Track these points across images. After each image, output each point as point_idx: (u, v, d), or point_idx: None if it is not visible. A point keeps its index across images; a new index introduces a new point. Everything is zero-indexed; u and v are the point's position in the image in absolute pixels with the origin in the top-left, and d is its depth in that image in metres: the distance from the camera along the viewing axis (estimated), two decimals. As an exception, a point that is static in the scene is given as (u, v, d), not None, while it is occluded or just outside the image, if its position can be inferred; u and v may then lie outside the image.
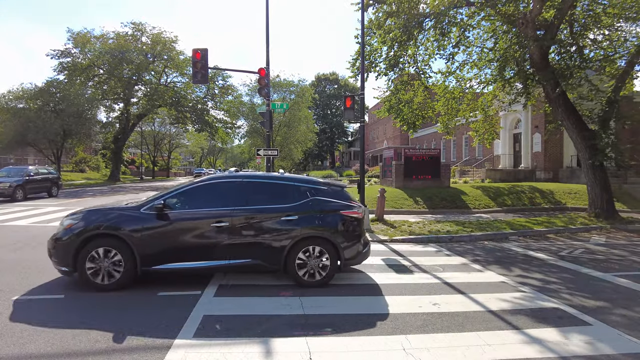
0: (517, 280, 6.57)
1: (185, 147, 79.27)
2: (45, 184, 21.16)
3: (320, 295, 5.55)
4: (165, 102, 42.32)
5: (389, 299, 5.48)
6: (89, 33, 40.25)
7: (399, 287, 6.02)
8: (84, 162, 53.52)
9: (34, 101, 34.25)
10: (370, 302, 5.37)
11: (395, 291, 5.83)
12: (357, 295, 5.63)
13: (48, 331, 4.16)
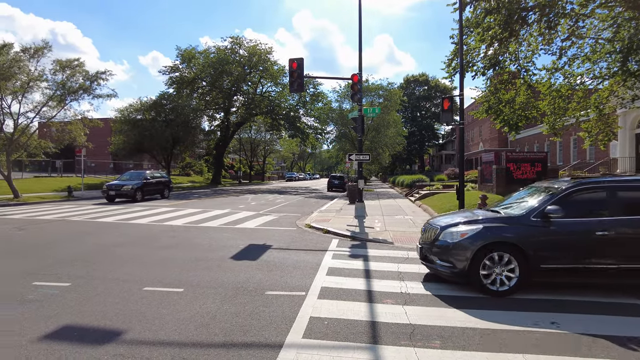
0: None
1: (278, 153, 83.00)
2: (159, 187, 23.64)
3: (425, 305, 5.38)
4: (261, 110, 44.86)
5: (501, 313, 5.13)
6: (194, 49, 44.26)
7: (513, 302, 5.60)
8: (189, 166, 58.81)
9: (149, 113, 38.49)
10: (480, 314, 5.07)
11: (513, 306, 5.43)
12: (464, 308, 5.35)
13: (176, 320, 4.62)
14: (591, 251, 5.72)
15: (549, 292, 5.92)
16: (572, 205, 5.99)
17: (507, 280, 5.82)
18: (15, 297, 5.37)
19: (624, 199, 5.93)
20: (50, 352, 3.80)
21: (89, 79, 22.37)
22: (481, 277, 5.84)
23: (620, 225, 5.72)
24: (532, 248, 5.76)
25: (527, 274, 5.77)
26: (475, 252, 5.85)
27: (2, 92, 19.65)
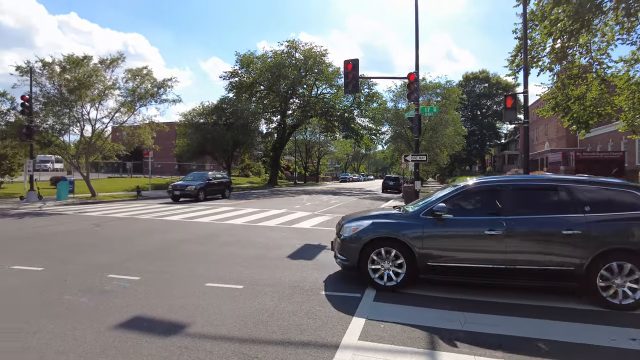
0: None
1: (332, 154, 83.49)
2: (220, 187, 24.66)
3: (484, 312, 5.16)
4: (316, 112, 45.39)
5: (572, 325, 4.79)
6: (252, 54, 45.69)
7: (589, 314, 5.21)
8: (248, 168, 60.84)
9: (211, 117, 40.26)
10: (544, 326, 4.76)
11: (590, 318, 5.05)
12: (519, 315, 5.06)
13: (236, 316, 4.80)
14: (480, 250, 5.69)
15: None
16: (466, 204, 6.14)
17: (394, 275, 5.99)
18: (95, 288, 5.85)
19: (516, 198, 5.87)
20: (124, 340, 4.10)
21: (156, 85, 23.85)
22: (369, 271, 6.07)
23: (510, 224, 5.63)
24: (419, 245, 5.86)
25: (414, 270, 5.90)
26: (363, 247, 6.09)
27: (82, 100, 21.50)
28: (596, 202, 5.62)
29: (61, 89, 21.20)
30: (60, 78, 21.04)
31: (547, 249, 5.51)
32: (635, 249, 5.31)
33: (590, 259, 5.35)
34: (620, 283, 5.31)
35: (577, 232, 5.40)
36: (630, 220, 5.43)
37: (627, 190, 5.68)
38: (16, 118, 20.96)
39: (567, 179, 6.02)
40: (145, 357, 3.75)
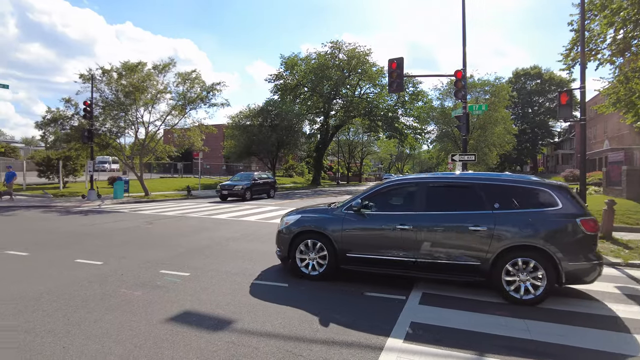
0: None
1: (376, 154, 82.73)
2: (265, 187, 25.19)
3: (540, 319, 4.92)
4: (359, 112, 45.18)
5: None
6: (296, 56, 46.23)
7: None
8: (292, 168, 61.66)
9: (257, 119, 41.16)
10: (616, 339, 4.46)
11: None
12: (594, 327, 4.76)
13: (281, 314, 4.89)
14: (394, 244, 6.00)
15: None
16: (385, 200, 6.43)
17: (318, 266, 6.50)
18: (149, 283, 6.16)
19: (429, 195, 6.09)
20: (174, 333, 4.29)
21: (205, 89, 24.74)
22: (297, 260, 6.63)
23: (420, 219, 5.91)
24: (339, 238, 6.32)
25: (335, 261, 6.36)
26: (292, 239, 6.67)
27: (137, 104, 22.71)
28: (507, 199, 5.73)
29: (118, 94, 22.51)
30: (117, 84, 22.35)
31: (454, 243, 5.74)
32: (540, 246, 5.39)
33: (495, 254, 5.52)
34: (523, 279, 5.48)
35: (484, 228, 5.59)
36: (540, 218, 5.51)
37: (540, 188, 5.76)
38: (79, 122, 22.49)
39: (480, 177, 6.14)
40: (195, 350, 3.90)
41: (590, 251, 5.43)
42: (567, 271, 5.35)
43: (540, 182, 5.90)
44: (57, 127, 23.17)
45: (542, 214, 5.54)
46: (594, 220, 5.51)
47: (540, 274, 5.40)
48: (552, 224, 5.47)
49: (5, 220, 13.38)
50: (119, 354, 3.80)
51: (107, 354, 3.78)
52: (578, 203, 5.64)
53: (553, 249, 5.35)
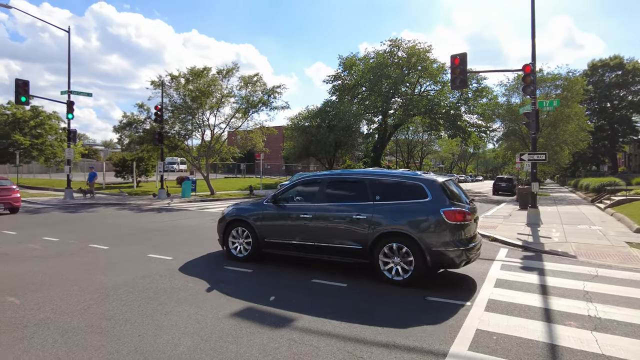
0: None
1: (436, 153, 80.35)
2: (323, 188, 25.37)
3: (622, 334, 4.49)
4: (419, 111, 44.10)
5: None
6: (354, 56, 46.13)
7: None
8: (349, 168, 61.64)
9: (315, 120, 41.63)
10: None
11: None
12: None
13: (340, 313, 4.89)
14: (298, 230, 7.02)
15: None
16: (295, 193, 7.48)
17: (244, 250, 7.63)
18: (214, 278, 6.45)
19: (328, 189, 7.08)
20: (239, 328, 4.44)
21: (266, 92, 25.46)
22: (230, 244, 7.80)
23: (316, 210, 6.90)
24: (259, 225, 7.44)
25: (258, 246, 7.45)
26: (225, 226, 7.87)
27: (203, 107, 23.90)
28: (387, 192, 6.52)
29: (185, 99, 23.84)
30: (184, 89, 23.67)
31: (343, 230, 6.64)
32: (407, 232, 6.09)
33: (373, 239, 6.32)
34: (397, 262, 6.22)
35: (364, 216, 6.44)
36: (410, 208, 6.24)
37: (415, 183, 6.42)
38: (151, 125, 24.12)
39: (368, 173, 7.00)
40: (257, 346, 4.01)
41: (454, 238, 5.98)
42: (432, 256, 5.98)
43: (416, 177, 6.58)
44: (132, 131, 25.04)
45: (412, 204, 6.27)
46: (458, 211, 6.06)
47: (410, 259, 6.09)
48: (419, 214, 6.16)
49: (88, 216, 14.67)
50: (188, 345, 4.00)
51: (177, 345, 4.00)
52: (447, 196, 6.22)
53: (418, 235, 6.04)
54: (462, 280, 6.61)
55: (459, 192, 6.84)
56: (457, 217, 6.03)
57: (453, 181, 7.02)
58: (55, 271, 6.81)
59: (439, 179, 6.51)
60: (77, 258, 7.81)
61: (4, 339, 4.12)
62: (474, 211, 6.77)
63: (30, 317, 4.70)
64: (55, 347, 3.91)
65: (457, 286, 6.19)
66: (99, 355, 3.76)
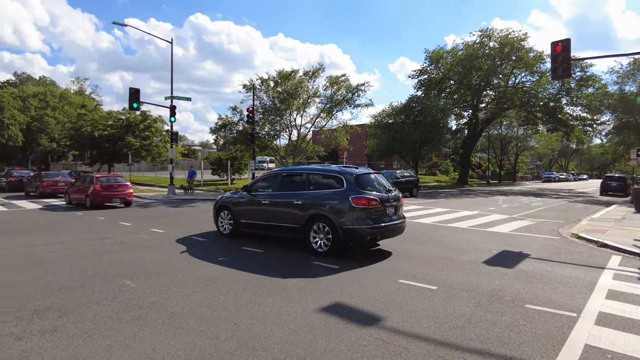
0: None
1: (533, 150, 74.08)
2: (408, 186, 24.78)
3: None
4: (514, 103, 41.02)
5: None
6: (442, 49, 44.24)
7: None
8: (435, 166, 59.49)
9: (399, 116, 40.85)
10: None
11: None
12: None
13: (430, 317, 4.73)
14: (267, 214, 8.92)
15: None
16: (266, 184, 9.40)
17: (228, 228, 9.81)
18: (304, 272, 6.64)
19: (283, 181, 8.99)
20: (327, 323, 4.51)
21: (350, 91, 25.61)
22: (219, 223, 10.06)
23: (270, 198, 8.98)
24: (235, 210, 9.61)
25: (236, 226, 9.58)
26: (216, 210, 10.18)
27: (290, 108, 24.77)
28: (318, 183, 8.24)
29: (274, 100, 24.91)
30: (273, 91, 24.74)
31: (287, 213, 8.47)
32: (329, 215, 7.70)
33: (305, 220, 8.04)
34: (321, 237, 7.85)
35: (300, 202, 8.21)
36: (330, 195, 7.88)
37: (336, 175, 8.05)
38: (243, 127, 25.61)
39: (308, 168, 9.07)
40: (346, 342, 4.04)
41: (360, 219, 7.55)
42: (344, 232, 7.56)
43: (337, 171, 8.27)
44: (226, 132, 26.84)
45: (332, 192, 7.95)
46: (363, 197, 7.60)
47: (330, 235, 7.74)
48: (335, 200, 7.81)
49: (189, 210, 16.04)
50: (279, 336, 4.17)
51: (269, 335, 4.18)
52: (358, 186, 7.78)
53: (334, 216, 7.67)
54: (567, 288, 6.00)
55: (377, 184, 8.35)
56: (362, 202, 7.61)
57: (374, 174, 8.62)
58: (162, 260, 7.55)
59: (355, 172, 8.14)
60: (180, 248, 8.57)
61: (124, 316, 4.66)
62: (389, 199, 8.15)
63: (143, 299, 5.26)
64: (164, 328, 4.32)
65: (561, 295, 5.64)
66: (200, 339, 4.08)
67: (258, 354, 3.77)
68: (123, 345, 3.92)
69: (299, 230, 8.21)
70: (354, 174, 7.98)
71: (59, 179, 22.51)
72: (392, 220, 8.11)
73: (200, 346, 3.91)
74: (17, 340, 4.02)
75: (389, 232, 8.13)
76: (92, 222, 12.73)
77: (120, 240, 9.46)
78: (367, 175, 8.33)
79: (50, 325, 4.39)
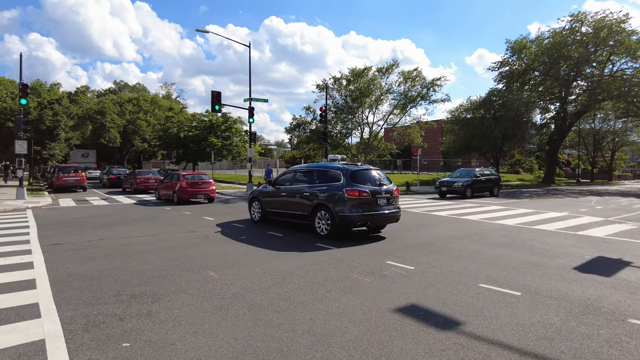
0: None
1: (634, 145, 66.14)
2: (488, 184, 23.50)
3: None
4: (610, 94, 36.96)
5: None
6: (525, 39, 41.22)
7: None
8: (518, 163, 55.66)
9: (478, 111, 38.84)
10: None
11: None
12: None
13: (515, 326, 4.44)
14: (285, 204, 10.87)
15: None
16: (286, 179, 11.34)
17: (257, 216, 12.03)
18: (376, 272, 6.60)
19: (298, 176, 10.90)
20: (403, 325, 4.43)
21: (425, 86, 24.87)
22: (251, 211, 12.30)
23: (287, 191, 10.83)
24: (264, 200, 11.73)
25: (264, 214, 11.73)
26: (249, 201, 12.49)
27: (363, 106, 24.68)
28: (322, 177, 10.03)
29: (347, 99, 24.98)
30: (346, 89, 24.82)
31: (298, 202, 10.28)
32: (328, 204, 9.42)
33: (311, 208, 9.86)
34: (323, 223, 9.61)
35: (307, 193, 10.06)
36: (330, 188, 9.60)
37: (336, 171, 9.79)
38: (316, 126, 26.03)
39: (315, 166, 10.81)
40: (423, 345, 3.93)
41: (353, 208, 9.08)
42: (339, 219, 9.12)
43: (338, 167, 9.86)
44: (300, 132, 27.47)
45: (331, 185, 9.53)
46: (355, 190, 9.10)
47: (329, 221, 9.33)
48: (333, 191, 9.36)
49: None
50: (355, 333, 4.17)
51: (345, 332, 4.21)
52: (353, 180, 9.31)
53: (332, 206, 9.25)
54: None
55: (372, 178, 9.79)
56: (354, 194, 9.14)
57: (372, 170, 10.10)
58: (242, 253, 7.94)
59: (351, 169, 9.70)
60: (259, 243, 8.95)
61: (208, 305, 4.97)
62: (380, 192, 9.50)
63: (225, 290, 5.57)
64: (245, 319, 4.54)
65: None
66: (278, 331, 4.22)
67: (333, 350, 3.82)
68: (207, 332, 4.19)
69: (307, 217, 10.01)
70: (350, 170, 9.60)
71: (150, 176, 24.64)
72: (383, 209, 9.52)
73: (278, 338, 4.05)
74: (119, 320, 4.48)
75: (378, 219, 9.63)
76: (179, 216, 13.76)
77: (204, 234, 10.11)
78: (363, 171, 9.87)
79: (145, 309, 4.82)
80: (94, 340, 3.99)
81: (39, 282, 5.94)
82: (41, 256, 7.61)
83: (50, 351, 3.75)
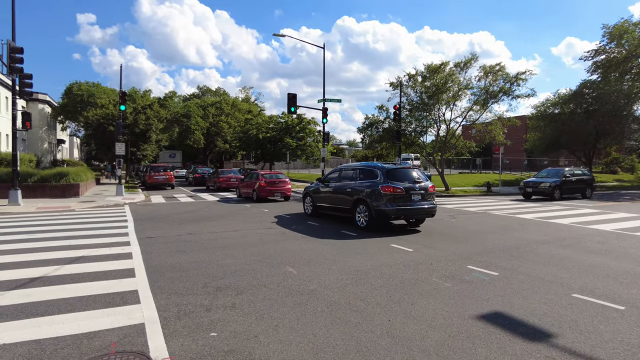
0: None
1: None
2: (579, 185, 21.47)
3: None
4: None
5: None
6: (626, 22, 36.86)
7: None
8: (615, 162, 50.03)
9: (567, 105, 35.54)
10: None
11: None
12: None
13: (619, 341, 4.03)
14: (331, 199, 12.21)
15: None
16: (334, 177, 12.53)
17: (310, 209, 13.45)
18: (457, 276, 6.36)
19: (343, 175, 12.18)
20: (487, 333, 4.22)
21: (509, 81, 23.32)
22: (304, 205, 13.95)
23: (333, 187, 12.16)
24: (315, 196, 13.14)
25: (315, 209, 13.17)
26: (304, 195, 13.96)
27: (439, 103, 23.83)
28: (364, 175, 11.17)
29: (422, 96, 24.27)
30: (421, 86, 24.12)
31: (342, 198, 11.64)
32: (367, 200, 10.46)
33: (352, 203, 11.09)
34: (363, 217, 10.68)
35: (349, 190, 11.30)
36: (369, 184, 10.68)
37: (374, 170, 10.90)
38: (389, 125, 25.64)
39: (358, 165, 12.12)
40: (510, 355, 3.72)
41: (388, 203, 10.17)
42: (376, 213, 10.26)
43: (377, 166, 11.14)
44: (373, 131, 27.24)
45: (370, 182, 10.71)
46: (389, 186, 10.18)
47: (367, 214, 10.52)
48: (371, 188, 10.55)
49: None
50: (435, 338, 4.07)
51: (425, 337, 4.12)
52: (388, 177, 10.48)
53: (369, 200, 10.45)
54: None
55: (407, 176, 10.72)
56: (388, 190, 10.13)
57: (408, 169, 11.15)
58: (318, 250, 8.11)
59: (387, 167, 10.83)
60: (332, 242, 9.06)
61: (288, 301, 5.15)
62: (414, 188, 10.40)
63: (304, 287, 5.73)
64: (323, 316, 4.64)
65: None
66: (356, 331, 4.25)
67: (413, 354, 3.75)
68: (288, 327, 4.34)
69: (349, 210, 11.22)
70: (386, 169, 10.72)
71: (231, 175, 26.10)
72: (417, 204, 10.42)
73: (356, 338, 4.08)
74: (206, 311, 4.81)
75: (412, 213, 10.46)
76: (259, 213, 14.40)
77: (282, 231, 10.49)
78: (399, 169, 10.96)
79: (230, 301, 5.12)
80: (185, 327, 4.33)
81: (137, 271, 6.57)
82: (138, 248, 8.41)
83: (149, 335, 4.13)
